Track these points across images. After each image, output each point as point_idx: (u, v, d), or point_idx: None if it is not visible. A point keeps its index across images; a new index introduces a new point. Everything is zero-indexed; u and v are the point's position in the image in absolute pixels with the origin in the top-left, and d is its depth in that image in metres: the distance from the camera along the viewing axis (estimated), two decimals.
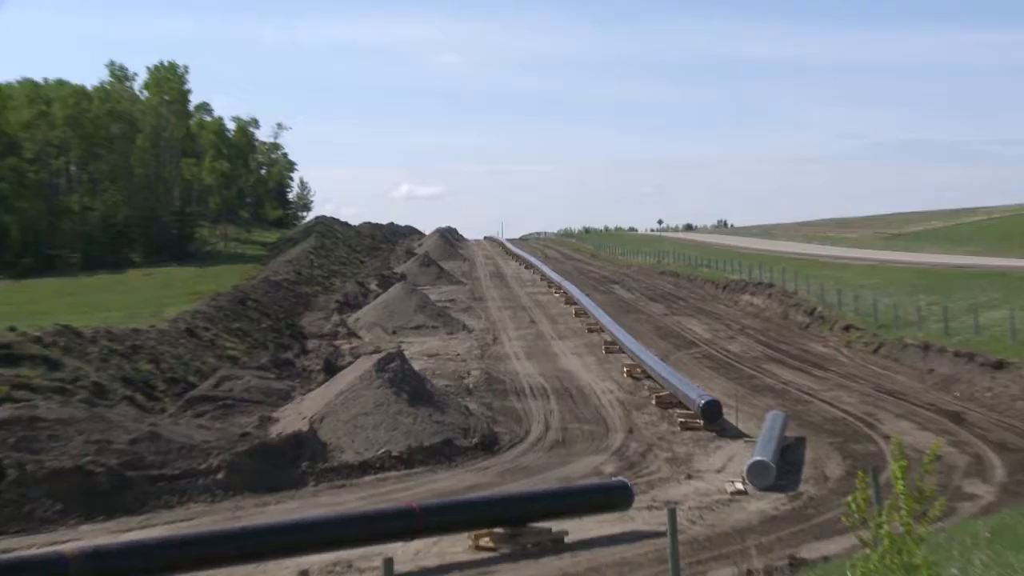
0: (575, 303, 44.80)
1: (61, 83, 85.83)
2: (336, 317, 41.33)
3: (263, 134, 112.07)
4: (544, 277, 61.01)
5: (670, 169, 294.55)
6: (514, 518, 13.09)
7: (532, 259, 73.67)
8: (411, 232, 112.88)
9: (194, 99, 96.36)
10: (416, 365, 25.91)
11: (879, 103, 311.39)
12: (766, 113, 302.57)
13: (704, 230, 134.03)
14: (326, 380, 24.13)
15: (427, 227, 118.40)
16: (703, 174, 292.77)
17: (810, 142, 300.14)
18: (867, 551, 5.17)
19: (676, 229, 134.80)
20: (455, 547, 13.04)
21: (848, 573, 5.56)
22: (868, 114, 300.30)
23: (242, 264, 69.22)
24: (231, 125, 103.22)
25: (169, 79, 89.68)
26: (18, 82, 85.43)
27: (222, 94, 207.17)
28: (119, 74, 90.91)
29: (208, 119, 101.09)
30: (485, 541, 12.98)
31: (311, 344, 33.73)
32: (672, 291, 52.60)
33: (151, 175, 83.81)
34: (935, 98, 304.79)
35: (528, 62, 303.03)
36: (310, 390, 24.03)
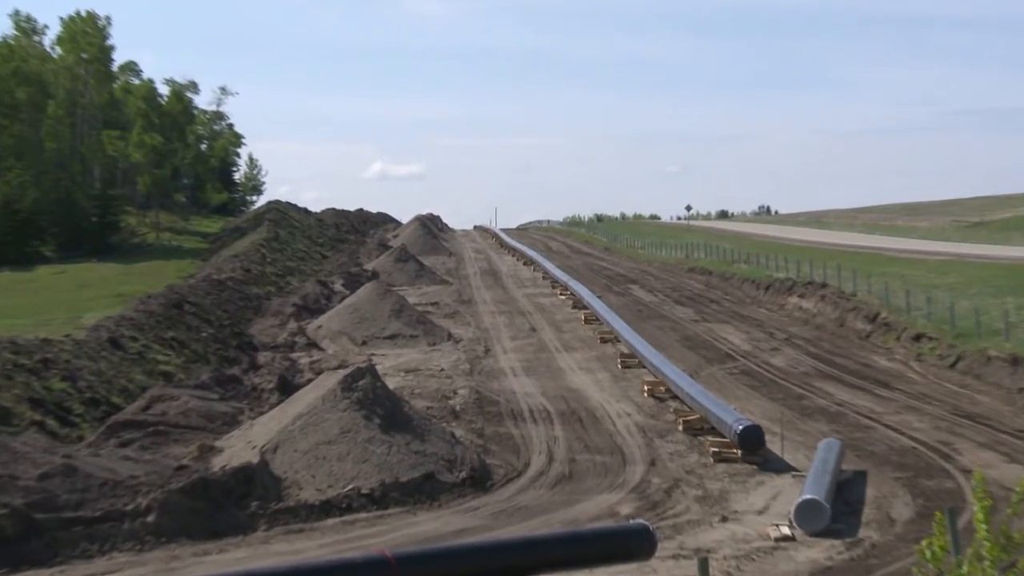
0: (585, 307, 44.86)
1: None
2: (293, 324, 41.33)
3: (203, 101, 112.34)
4: (547, 275, 61.16)
5: (700, 144, 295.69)
6: (510, 570, 13.12)
7: (532, 253, 73.90)
8: (385, 220, 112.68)
9: (118, 58, 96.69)
10: (391, 383, 25.93)
11: (955, 62, 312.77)
12: (816, 75, 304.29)
13: (742, 218, 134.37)
14: (281, 401, 24.21)
15: (404, 214, 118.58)
16: (740, 150, 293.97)
17: (871, 111, 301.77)
18: None
19: (708, 217, 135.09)
20: None
21: None
22: (942, 76, 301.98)
23: (178, 260, 69.39)
24: (164, 90, 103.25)
25: (87, 33, 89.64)
26: None
27: (153, 51, 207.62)
28: (25, 26, 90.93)
29: (136, 82, 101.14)
30: None
31: (262, 357, 33.80)
32: (703, 292, 52.74)
33: (65, 150, 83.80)
34: None
35: (524, 13, 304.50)
36: (261, 413, 24.09)
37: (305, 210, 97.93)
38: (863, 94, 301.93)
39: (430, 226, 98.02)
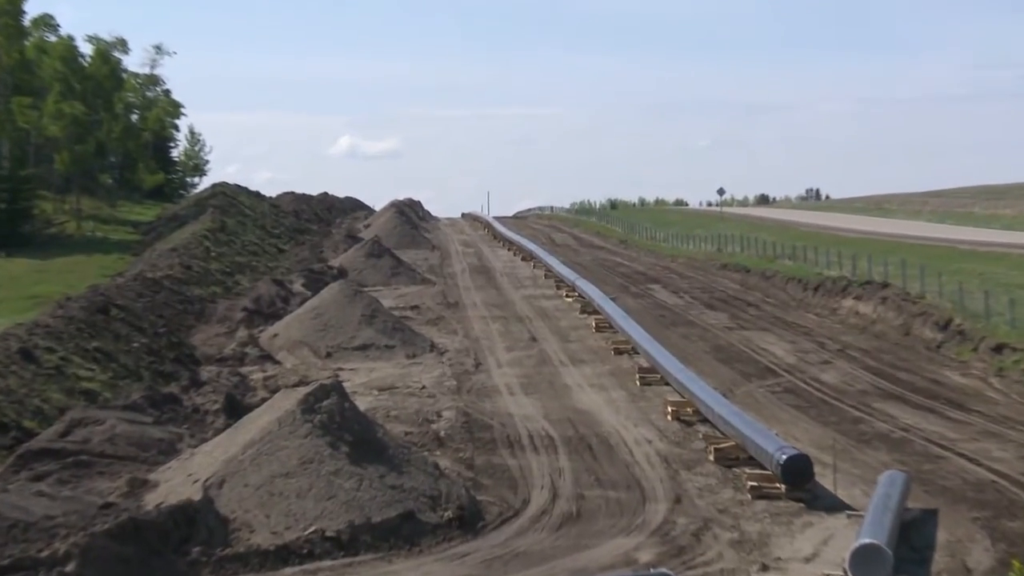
0: (596, 312, 44.84)
1: None
2: (243, 333, 41.33)
3: (134, 62, 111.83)
4: (550, 273, 61.12)
5: (736, 114, 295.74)
6: None
7: (532, 246, 73.86)
8: (354, 207, 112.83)
9: (30, 10, 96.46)
10: (361, 403, 25.90)
11: None
12: (875, 32, 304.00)
13: (786, 204, 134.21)
14: (228, 425, 24.14)
15: (378, 199, 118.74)
16: (783, 121, 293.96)
17: (941, 74, 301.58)
18: None
19: (744, 202, 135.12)
20: None
21: None
22: None
23: (103, 254, 68.94)
24: (86, 49, 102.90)
25: None
26: None
27: (72, 3, 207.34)
28: None
29: (52, 39, 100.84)
30: None
31: (206, 372, 33.70)
32: (739, 294, 52.73)
33: None
34: None
35: None
36: (205, 440, 24.03)
37: (258, 194, 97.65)
38: (933, 54, 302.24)
39: (409, 214, 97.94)
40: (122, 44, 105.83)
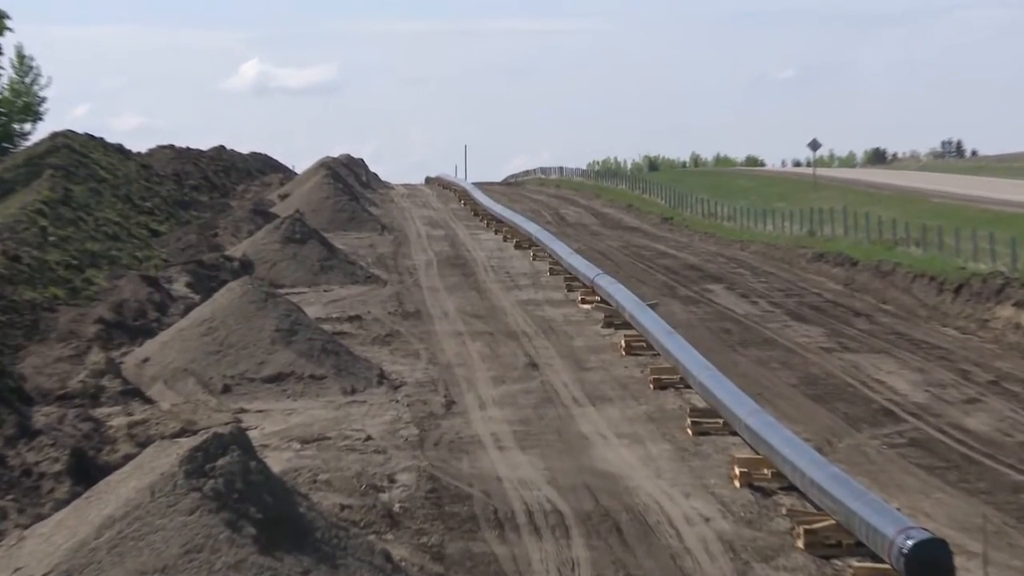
0: (626, 325, 44.86)
1: None
2: (98, 356, 40.78)
3: None
4: (557, 267, 61.28)
5: (837, 30, 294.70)
6: None
7: (531, 227, 74.08)
8: (265, 168, 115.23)
9: None
10: (275, 462, 25.85)
11: None
12: None
13: (911, 163, 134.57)
14: (77, 495, 23.86)
15: (301, 158, 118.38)
16: (907, 39, 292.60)
17: None
18: None
19: (851, 161, 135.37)
20: None
21: None
22: None
23: None
24: None
25: None
26: None
27: None
28: None
29: None
30: None
31: (42, 416, 33.18)
32: (842, 298, 52.93)
33: None
34: None
35: None
36: (41, 517, 23.77)
37: (120, 149, 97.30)
38: None
39: (347, 179, 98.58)
40: None
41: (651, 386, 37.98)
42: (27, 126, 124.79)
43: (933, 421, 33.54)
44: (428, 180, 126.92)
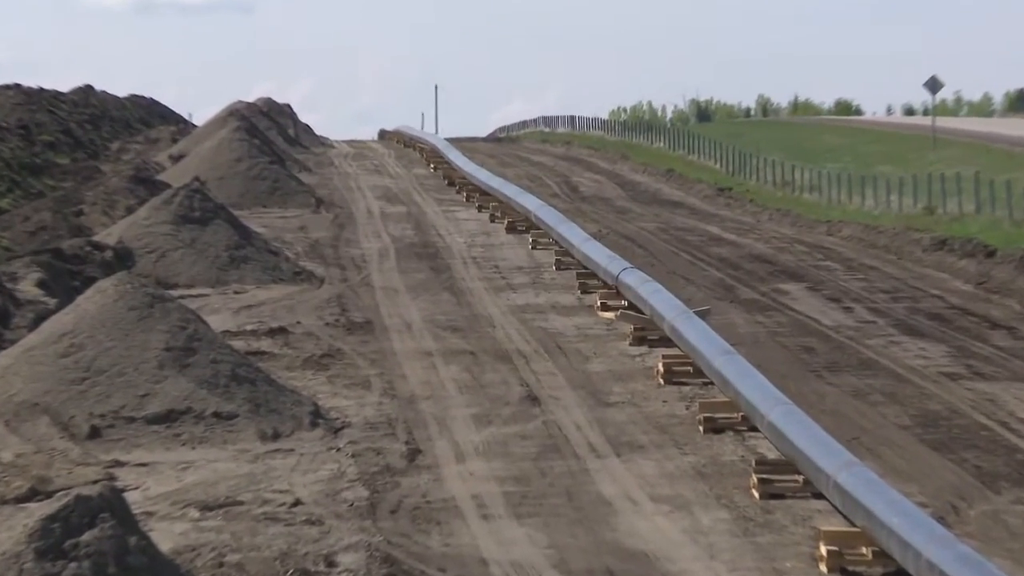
0: (665, 340, 40.77)
1: None
2: None
3: None
4: (567, 258, 57.26)
5: None
6: None
7: (528, 203, 69.23)
8: (150, 117, 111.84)
9: None
10: (165, 538, 24.28)
11: None
12: None
13: None
14: None
15: (201, 104, 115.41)
16: None
17: None
18: None
19: (985, 108, 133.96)
20: None
21: None
22: None
23: None
24: None
25: None
26: None
27: None
28: None
29: None
30: None
31: None
32: (971, 303, 49.09)
33: None
34: None
35: None
36: None
37: None
38: None
39: (267, 133, 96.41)
40: None
41: (701, 429, 33.85)
42: None
43: None
44: (383, 135, 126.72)
